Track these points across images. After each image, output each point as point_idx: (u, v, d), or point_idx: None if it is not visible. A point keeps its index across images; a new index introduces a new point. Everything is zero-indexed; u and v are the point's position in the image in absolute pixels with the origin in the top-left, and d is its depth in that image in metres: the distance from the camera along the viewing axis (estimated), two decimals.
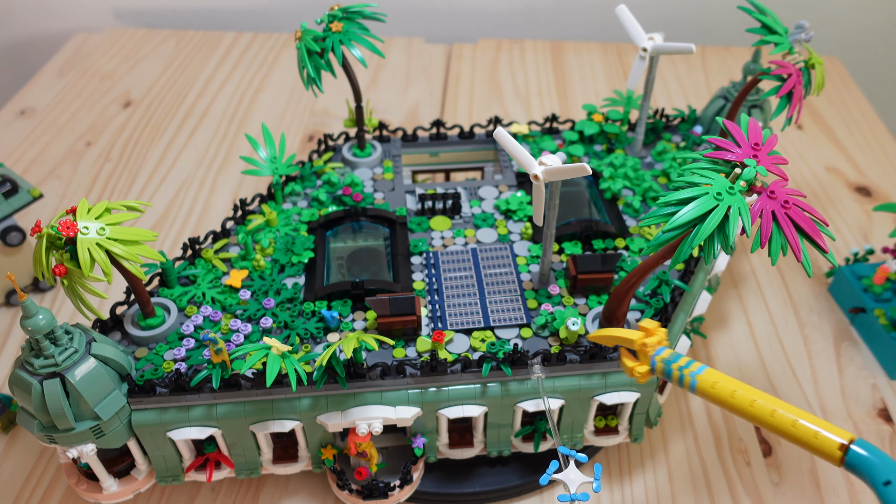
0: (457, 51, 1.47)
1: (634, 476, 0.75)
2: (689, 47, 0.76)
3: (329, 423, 0.63)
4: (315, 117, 1.26)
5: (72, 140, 1.20)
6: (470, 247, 0.77)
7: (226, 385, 0.62)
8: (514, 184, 0.85)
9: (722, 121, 0.56)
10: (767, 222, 0.51)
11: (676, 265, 0.53)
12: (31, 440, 0.77)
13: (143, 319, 0.66)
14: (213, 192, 1.09)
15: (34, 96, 1.30)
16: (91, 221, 0.58)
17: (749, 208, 0.51)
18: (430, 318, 0.69)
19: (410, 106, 1.29)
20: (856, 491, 0.74)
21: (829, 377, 0.85)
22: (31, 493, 0.73)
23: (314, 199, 0.81)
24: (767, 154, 0.54)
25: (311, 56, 0.76)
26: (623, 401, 0.66)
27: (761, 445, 0.78)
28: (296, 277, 0.73)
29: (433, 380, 0.64)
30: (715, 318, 0.92)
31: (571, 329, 0.65)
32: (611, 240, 0.77)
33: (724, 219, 0.50)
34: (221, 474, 0.68)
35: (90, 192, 1.09)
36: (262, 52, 1.44)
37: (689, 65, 1.44)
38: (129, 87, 1.33)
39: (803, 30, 0.75)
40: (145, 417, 0.62)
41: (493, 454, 0.70)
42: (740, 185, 0.52)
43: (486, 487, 0.72)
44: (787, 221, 0.51)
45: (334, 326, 0.67)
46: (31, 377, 0.57)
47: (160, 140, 1.20)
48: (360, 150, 0.88)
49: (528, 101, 1.31)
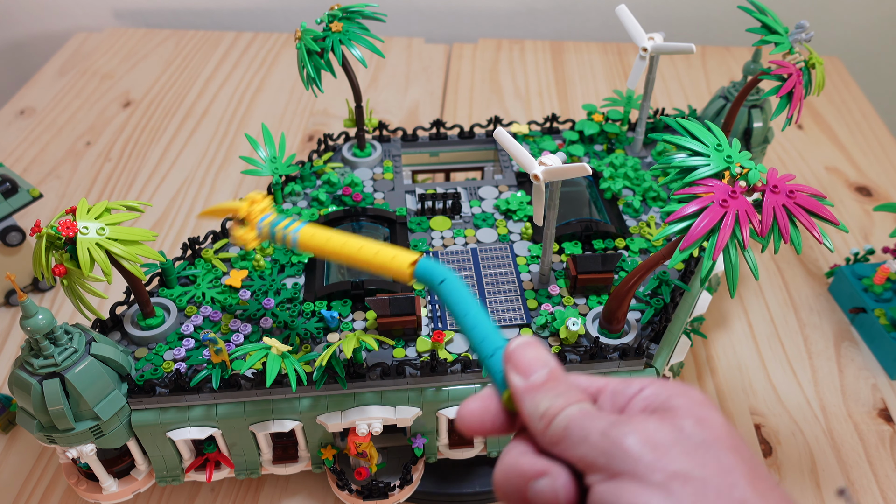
0: (457, 51, 1.47)
1: None
2: (690, 47, 0.76)
3: (329, 423, 0.63)
4: (315, 117, 1.26)
5: (71, 140, 1.20)
6: (470, 247, 0.77)
7: (226, 385, 0.62)
8: (514, 184, 0.85)
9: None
10: (783, 217, 0.51)
11: (676, 265, 0.53)
12: (31, 440, 0.77)
13: (142, 319, 0.66)
14: (212, 192, 1.09)
15: (34, 96, 1.30)
16: (91, 221, 0.58)
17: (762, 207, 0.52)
18: (430, 318, 0.69)
19: (410, 106, 1.29)
20: (856, 490, 0.74)
21: (829, 377, 0.85)
22: (30, 493, 0.73)
23: (314, 199, 0.81)
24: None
25: (310, 56, 0.76)
26: None
27: (761, 445, 0.78)
28: (296, 277, 0.73)
29: (433, 380, 0.64)
30: (715, 318, 0.92)
31: (571, 329, 0.65)
32: (611, 240, 0.77)
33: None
34: (221, 474, 0.68)
35: (90, 192, 1.09)
36: (262, 51, 1.44)
37: (689, 65, 1.44)
38: (128, 86, 1.33)
39: (803, 29, 0.74)
40: (145, 417, 0.62)
41: (493, 454, 0.70)
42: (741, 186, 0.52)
43: (485, 487, 0.71)
44: (798, 210, 0.52)
45: (334, 326, 0.67)
46: (30, 377, 0.56)
47: (160, 140, 1.20)
48: (360, 150, 0.88)
49: (528, 101, 1.31)
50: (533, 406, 0.34)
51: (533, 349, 0.36)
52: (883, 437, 0.78)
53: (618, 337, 0.66)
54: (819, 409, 0.81)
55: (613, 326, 0.66)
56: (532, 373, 0.35)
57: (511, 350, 0.36)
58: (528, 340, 0.37)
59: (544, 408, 0.34)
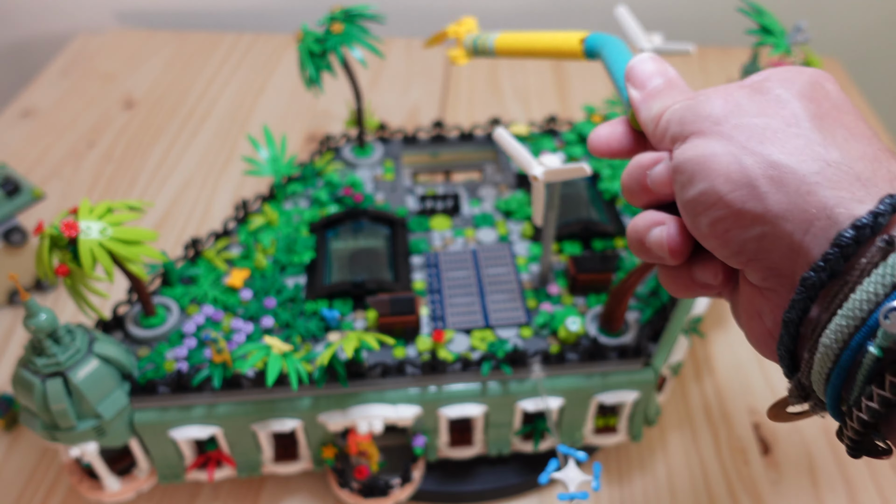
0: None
1: (633, 475, 0.75)
2: (688, 48, 0.76)
3: (330, 422, 0.64)
4: (316, 118, 1.26)
5: (74, 141, 1.20)
6: (470, 247, 0.77)
7: (227, 384, 0.62)
8: (514, 184, 0.86)
9: None
10: None
11: None
12: (34, 439, 0.78)
13: (144, 319, 0.67)
14: (214, 193, 1.10)
15: (36, 97, 1.31)
16: (93, 221, 0.58)
17: None
18: (430, 318, 0.69)
19: (411, 106, 1.29)
20: (855, 490, 0.74)
21: None
22: (34, 492, 0.73)
23: (315, 200, 0.82)
24: None
25: (311, 57, 0.77)
26: (622, 400, 0.67)
27: (760, 444, 0.78)
28: (297, 277, 0.73)
29: (433, 379, 0.64)
30: (714, 318, 0.92)
31: (571, 329, 0.65)
32: (610, 240, 0.77)
33: None
34: (222, 473, 0.68)
35: (92, 192, 1.10)
36: (264, 53, 1.44)
37: (688, 65, 1.44)
38: (131, 88, 1.34)
39: (800, 31, 0.75)
40: (147, 416, 0.62)
41: (493, 453, 0.71)
42: None
43: (485, 486, 0.72)
44: None
45: (335, 326, 0.68)
46: (33, 376, 0.57)
47: (162, 141, 1.20)
48: (361, 151, 0.89)
49: (527, 102, 1.32)
50: (647, 112, 0.37)
51: (651, 63, 0.39)
52: None
53: (617, 336, 0.67)
54: None
55: (612, 326, 0.66)
56: (649, 84, 0.38)
57: (629, 66, 0.39)
58: (647, 56, 0.39)
59: (657, 110, 0.36)
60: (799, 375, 0.31)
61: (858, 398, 0.28)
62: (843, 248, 0.27)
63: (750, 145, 0.30)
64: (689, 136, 0.32)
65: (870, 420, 0.27)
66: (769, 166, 0.29)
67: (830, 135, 0.30)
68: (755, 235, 0.30)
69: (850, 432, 0.29)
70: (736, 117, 0.31)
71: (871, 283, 0.27)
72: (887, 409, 0.27)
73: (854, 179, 0.29)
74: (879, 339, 0.26)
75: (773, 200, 0.29)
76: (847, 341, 0.28)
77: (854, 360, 0.28)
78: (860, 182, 0.29)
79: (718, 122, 0.31)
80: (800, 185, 0.29)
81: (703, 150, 0.31)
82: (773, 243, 0.30)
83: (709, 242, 0.32)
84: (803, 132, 0.30)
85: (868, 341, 0.27)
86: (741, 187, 0.30)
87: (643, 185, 0.35)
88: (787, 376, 0.32)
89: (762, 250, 0.30)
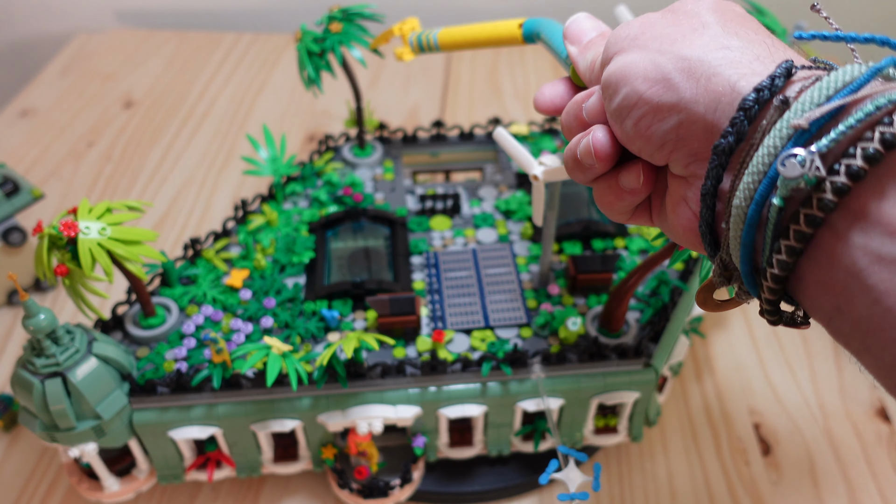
0: (457, 51, 1.47)
1: (634, 475, 0.75)
2: None
3: (329, 422, 0.63)
4: (315, 118, 1.26)
5: (73, 141, 1.20)
6: (470, 247, 0.77)
7: (226, 385, 0.62)
8: (514, 184, 0.85)
9: None
10: None
11: (675, 265, 0.54)
12: (33, 439, 0.78)
13: (144, 319, 0.67)
14: (213, 193, 1.10)
15: (36, 97, 1.31)
16: (92, 221, 0.58)
17: None
18: (430, 318, 0.69)
19: (411, 106, 1.29)
20: (855, 490, 0.74)
21: (827, 377, 0.85)
22: (33, 492, 0.73)
23: (315, 200, 0.82)
24: None
25: (311, 57, 0.77)
26: (622, 400, 0.66)
27: (760, 444, 0.78)
28: (296, 277, 0.73)
29: (433, 379, 0.64)
30: (714, 318, 0.92)
31: (571, 329, 0.65)
32: (610, 240, 0.77)
33: None
34: (222, 474, 0.68)
35: (91, 192, 1.09)
36: (263, 52, 1.44)
37: None
38: (130, 87, 1.34)
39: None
40: (146, 417, 0.62)
41: (493, 454, 0.71)
42: None
43: (485, 486, 0.72)
44: None
45: (335, 326, 0.68)
46: (32, 377, 0.57)
47: (161, 141, 1.20)
48: (361, 151, 0.89)
49: (528, 101, 1.32)
50: (584, 62, 0.40)
51: (586, 20, 0.43)
52: (881, 437, 0.79)
53: (617, 336, 0.67)
54: (818, 409, 0.82)
55: (613, 326, 0.66)
56: (584, 38, 0.41)
57: (567, 25, 0.43)
58: (583, 14, 0.43)
59: (591, 58, 0.40)
60: (720, 253, 0.33)
61: (770, 256, 0.29)
62: (747, 112, 0.30)
63: (663, 48, 0.33)
64: (612, 57, 0.36)
65: (780, 273, 0.29)
66: (679, 59, 0.32)
67: (734, 32, 0.33)
68: (674, 125, 0.32)
69: (766, 293, 0.30)
70: (650, 30, 0.35)
71: (770, 138, 0.29)
72: (794, 258, 0.28)
73: (753, 59, 0.31)
74: (780, 188, 0.28)
75: (684, 88, 0.32)
76: (753, 197, 0.29)
77: (761, 215, 0.29)
78: (759, 61, 0.31)
79: (636, 38, 0.35)
80: (706, 70, 0.32)
81: (624, 61, 0.34)
82: (689, 129, 0.32)
83: (635, 144, 0.35)
84: (710, 32, 0.33)
85: (772, 195, 0.29)
86: (657, 83, 0.33)
87: (580, 120, 0.39)
88: (710, 257, 0.34)
89: (681, 138, 0.33)
